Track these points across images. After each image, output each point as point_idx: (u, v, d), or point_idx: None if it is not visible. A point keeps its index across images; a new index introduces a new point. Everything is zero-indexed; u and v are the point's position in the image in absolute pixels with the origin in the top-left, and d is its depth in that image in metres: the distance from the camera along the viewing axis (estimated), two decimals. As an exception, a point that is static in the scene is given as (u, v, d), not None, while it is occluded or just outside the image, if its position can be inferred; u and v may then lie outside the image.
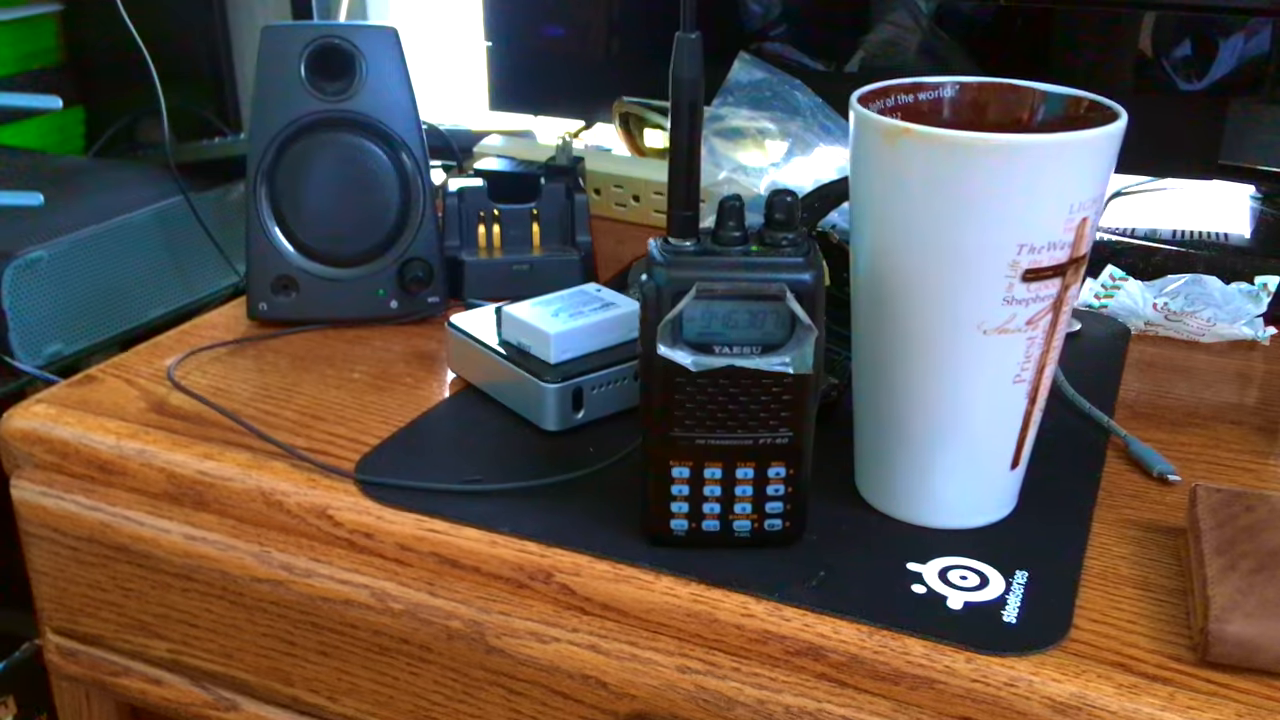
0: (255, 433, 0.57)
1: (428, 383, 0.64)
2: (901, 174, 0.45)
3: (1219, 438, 0.59)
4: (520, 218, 0.77)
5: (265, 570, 0.53)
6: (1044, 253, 0.45)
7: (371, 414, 0.60)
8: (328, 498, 0.53)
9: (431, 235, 0.70)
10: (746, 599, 0.46)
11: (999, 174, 0.43)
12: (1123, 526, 0.51)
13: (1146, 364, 0.68)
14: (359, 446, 0.57)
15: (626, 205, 0.90)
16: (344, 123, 0.68)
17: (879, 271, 0.48)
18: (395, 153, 0.69)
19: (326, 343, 0.68)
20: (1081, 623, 0.45)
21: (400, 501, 0.52)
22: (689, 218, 0.45)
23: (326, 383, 0.63)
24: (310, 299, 0.69)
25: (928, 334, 0.47)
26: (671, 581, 0.47)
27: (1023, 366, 0.47)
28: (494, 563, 0.50)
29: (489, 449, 0.57)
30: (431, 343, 0.69)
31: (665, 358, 0.44)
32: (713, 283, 0.44)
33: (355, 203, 0.69)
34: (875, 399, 0.50)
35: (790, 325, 0.45)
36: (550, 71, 1.04)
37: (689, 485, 0.48)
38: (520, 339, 0.59)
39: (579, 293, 0.62)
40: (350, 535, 0.52)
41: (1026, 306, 0.46)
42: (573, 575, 0.48)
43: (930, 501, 0.50)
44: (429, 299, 0.71)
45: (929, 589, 0.46)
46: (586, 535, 0.50)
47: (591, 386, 0.58)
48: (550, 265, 0.75)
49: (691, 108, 0.44)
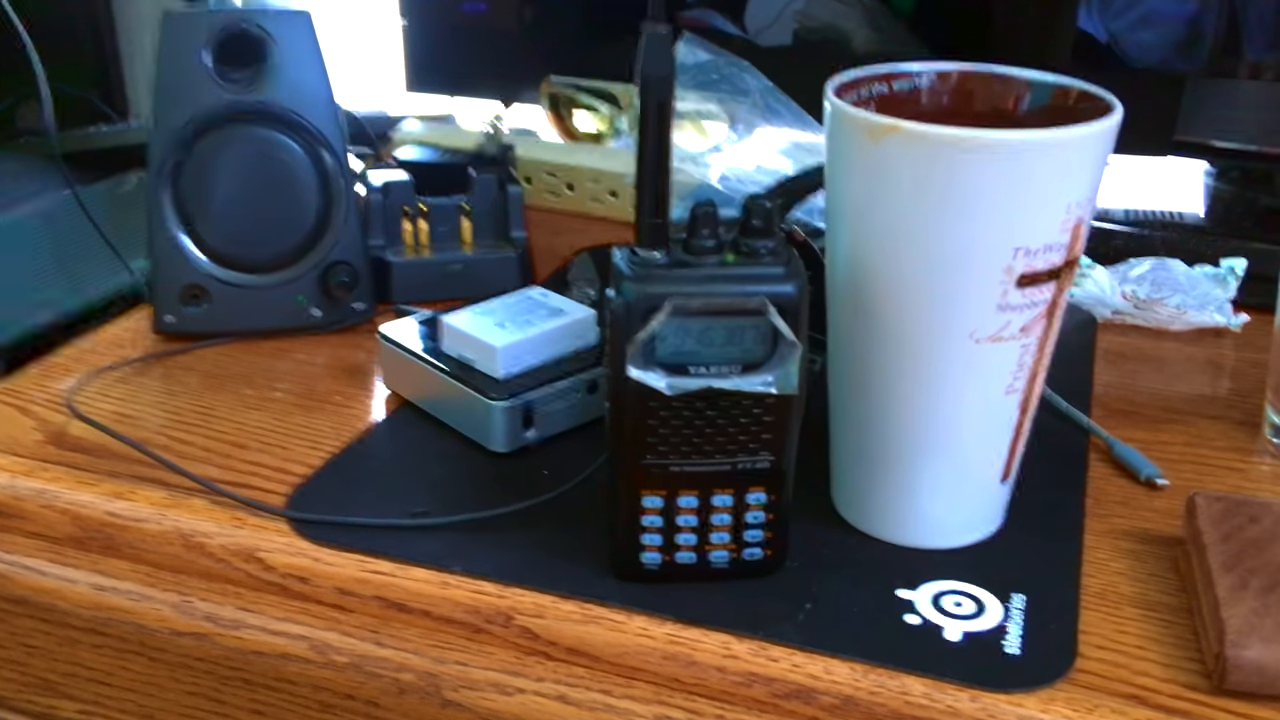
0: (170, 466, 0.51)
1: (359, 400, 0.58)
2: (887, 174, 0.41)
3: (1201, 435, 0.57)
4: (449, 212, 0.71)
5: (187, 622, 0.48)
6: (1040, 256, 0.41)
7: (299, 439, 0.55)
8: (256, 538, 0.48)
9: (355, 236, 0.65)
10: (728, 638, 0.43)
11: (995, 174, 0.40)
12: (1115, 538, 0.49)
13: (1116, 354, 0.65)
14: (287, 478, 0.51)
15: (560, 194, 0.86)
16: (255, 115, 0.62)
17: (860, 276, 0.44)
18: (312, 147, 0.63)
19: (243, 357, 0.62)
20: (1087, 650, 0.42)
21: (338, 540, 0.47)
22: (658, 226, 0.41)
23: (246, 404, 0.58)
24: (223, 309, 0.63)
25: (915, 343, 0.43)
26: (645, 621, 0.43)
27: (1015, 376, 0.44)
28: (446, 606, 0.45)
29: (433, 476, 0.52)
30: (360, 353, 0.63)
31: (637, 381, 0.40)
32: (687, 298, 0.40)
33: (270, 202, 0.63)
34: (855, 411, 0.47)
35: (772, 341, 0.41)
36: (471, 50, 0.98)
37: (662, 515, 0.44)
38: (462, 352, 0.55)
39: (523, 299, 0.57)
40: (283, 580, 0.47)
41: (1020, 313, 0.42)
42: (535, 617, 0.44)
43: (917, 520, 0.47)
44: (355, 305, 0.65)
45: (923, 619, 0.43)
46: (548, 571, 0.45)
47: (543, 403, 0.53)
48: (485, 265, 0.70)
49: (661, 109, 0.39)
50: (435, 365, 0.55)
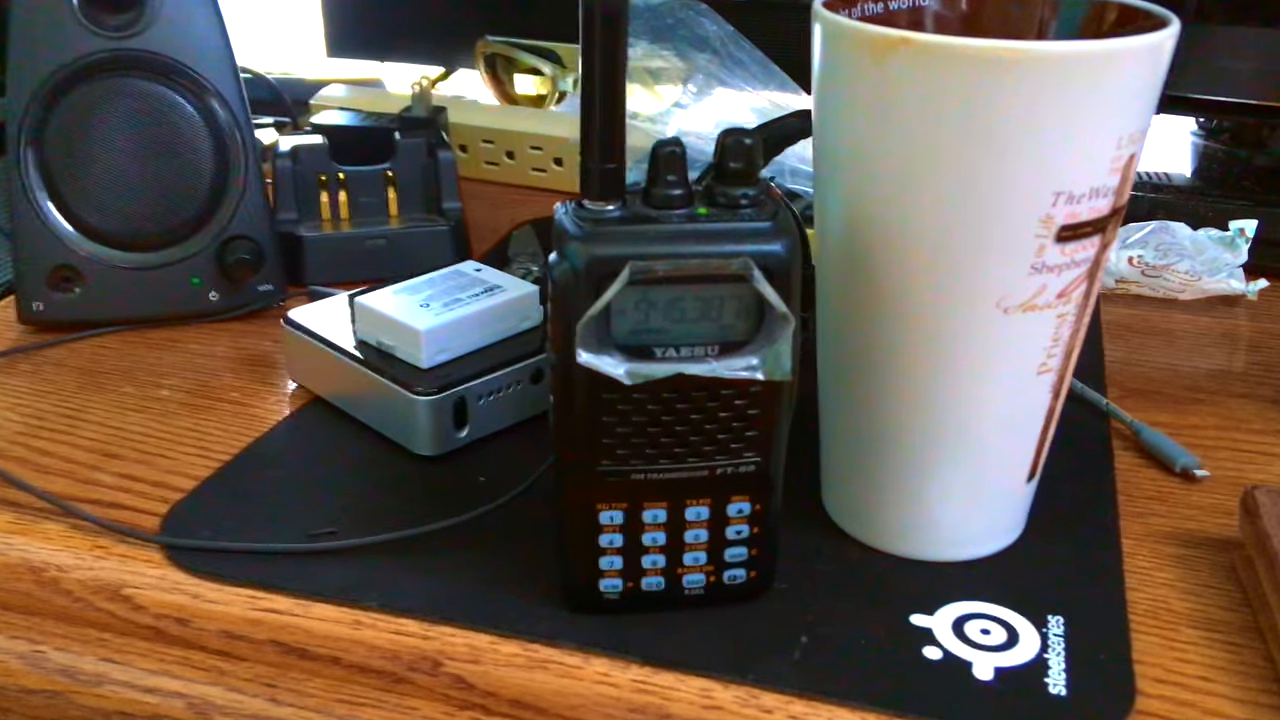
0: (16, 484, 0.42)
1: (261, 398, 0.49)
2: (893, 101, 0.33)
3: (1232, 416, 0.50)
4: (371, 181, 0.63)
5: (39, 677, 0.39)
6: (1084, 203, 0.33)
7: (185, 446, 0.46)
8: (123, 571, 0.39)
9: (258, 205, 0.56)
10: (709, 683, 0.35)
11: (1031, 97, 0.32)
12: (1156, 541, 0.41)
13: (1123, 327, 0.58)
14: (167, 494, 0.43)
15: (499, 163, 0.77)
16: (133, 64, 0.53)
17: (859, 235, 0.36)
18: (204, 101, 0.54)
19: (127, 350, 0.53)
20: (1146, 685, 0.34)
21: (224, 571, 0.39)
22: (611, 172, 0.32)
23: (125, 405, 0.49)
24: (102, 294, 0.54)
25: (929, 315, 0.35)
26: (606, 664, 0.35)
27: (1049, 353, 0.36)
28: (359, 650, 0.37)
29: (345, 487, 0.43)
30: (266, 343, 0.54)
31: (588, 367, 0.32)
32: (650, 261, 0.31)
33: (155, 167, 0.54)
34: (854, 399, 0.39)
35: (757, 315, 0.33)
36: (400, 10, 0.89)
37: (623, 533, 0.35)
38: (381, 337, 0.46)
39: (454, 274, 0.49)
40: (156, 622, 0.38)
41: (1058, 275, 0.34)
42: (469, 662, 0.36)
43: (929, 528, 0.39)
44: (260, 288, 0.56)
45: (946, 652, 0.35)
46: (485, 604, 0.37)
47: (477, 396, 0.45)
48: (412, 239, 0.61)
49: (609, 19, 0.31)
50: (348, 354, 0.46)
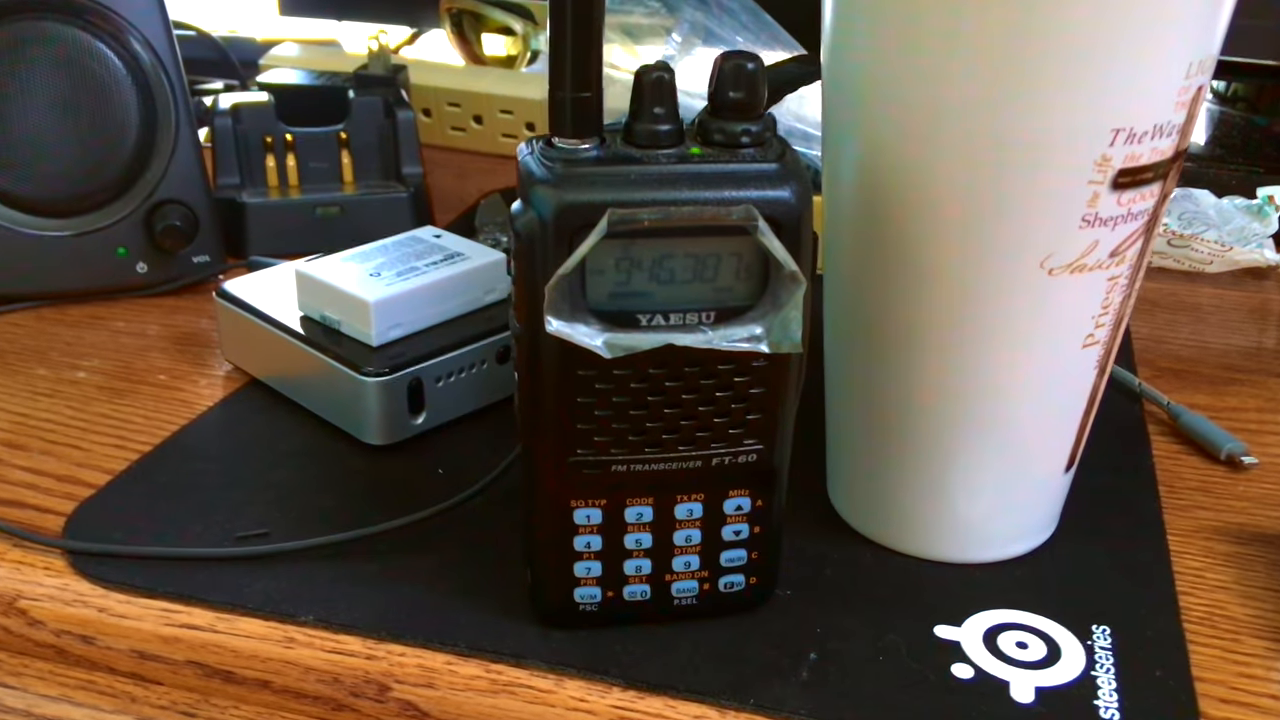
0: (-98, 480, 0.36)
1: (191, 381, 0.44)
2: (923, 20, 0.28)
3: (1275, 397, 0.45)
4: (324, 144, 0.57)
5: (-81, 706, 0.33)
6: (1145, 142, 0.28)
7: (101, 435, 0.40)
8: (18, 580, 0.34)
9: (192, 166, 0.50)
10: (703, 709, 0.29)
11: (1089, 14, 0.26)
12: (1205, 538, 0.36)
13: (1149, 303, 0.54)
14: (76, 490, 0.37)
15: (466, 129, 0.71)
16: (44, 5, 0.47)
17: (878, 184, 0.31)
18: (127, 48, 0.48)
19: (42, 329, 0.48)
20: (1209, 707, 0.30)
21: (136, 580, 0.33)
22: (585, 103, 0.27)
23: (35, 389, 0.43)
24: (14, 265, 0.49)
25: (961, 277, 0.30)
26: (582, 687, 0.30)
27: (1098, 322, 0.31)
28: (293, 673, 0.31)
29: (279, 481, 0.38)
30: (200, 320, 0.49)
31: (559, 338, 0.26)
32: (633, 209, 0.26)
33: (72, 122, 0.48)
34: (868, 378, 0.33)
35: (761, 275, 0.28)
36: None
37: (601, 534, 0.30)
38: (325, 311, 0.40)
39: (410, 240, 0.43)
40: (57, 639, 0.33)
41: (1113, 230, 0.29)
42: (422, 686, 0.31)
43: (954, 525, 0.34)
44: (194, 259, 0.51)
45: (978, 670, 0.30)
46: (440, 617, 0.32)
47: (434, 377, 0.39)
48: (368, 206, 0.56)
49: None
50: (287, 330, 0.41)
